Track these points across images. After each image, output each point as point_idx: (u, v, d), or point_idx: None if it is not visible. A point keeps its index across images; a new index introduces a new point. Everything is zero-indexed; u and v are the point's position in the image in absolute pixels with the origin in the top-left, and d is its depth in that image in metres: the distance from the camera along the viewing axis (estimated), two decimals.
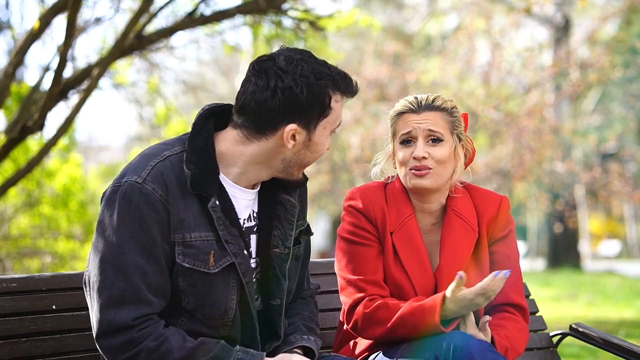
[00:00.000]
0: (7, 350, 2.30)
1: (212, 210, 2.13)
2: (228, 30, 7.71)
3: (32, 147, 8.31)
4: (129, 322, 2.05)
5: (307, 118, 2.14)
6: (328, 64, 2.17)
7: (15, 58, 5.79)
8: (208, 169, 2.14)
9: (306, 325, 2.35)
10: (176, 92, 16.41)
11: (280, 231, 2.27)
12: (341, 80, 2.17)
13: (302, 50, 2.17)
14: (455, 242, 2.56)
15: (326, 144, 2.19)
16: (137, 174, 2.11)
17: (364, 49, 15.75)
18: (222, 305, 2.15)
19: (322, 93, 2.13)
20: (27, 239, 9.22)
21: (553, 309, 9.39)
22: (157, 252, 2.09)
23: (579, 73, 13.10)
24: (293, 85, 2.10)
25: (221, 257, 2.14)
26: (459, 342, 2.29)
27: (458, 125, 2.57)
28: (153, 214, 2.08)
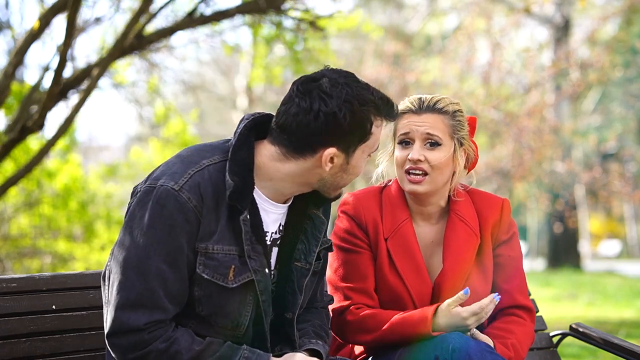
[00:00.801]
0: (7, 350, 2.30)
1: (242, 223, 2.11)
2: (228, 30, 7.72)
3: (32, 147, 8.31)
4: (141, 326, 2.05)
5: (347, 142, 2.12)
6: (371, 88, 2.15)
7: (15, 58, 5.78)
8: (247, 182, 2.12)
9: (315, 332, 2.33)
10: (176, 92, 16.41)
11: (305, 245, 2.25)
12: (383, 105, 2.15)
13: (347, 73, 2.15)
14: (459, 246, 2.54)
15: (363, 166, 2.18)
16: (174, 179, 2.09)
17: (364, 49, 15.75)
18: (236, 319, 2.15)
19: (364, 119, 2.11)
20: (27, 239, 9.22)
21: (553, 309, 9.40)
22: (182, 260, 2.08)
23: (579, 73, 13.09)
24: (337, 111, 2.08)
25: (241, 272, 2.12)
26: (457, 343, 2.29)
27: (460, 129, 2.54)
28: (184, 224, 2.07)
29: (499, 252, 2.61)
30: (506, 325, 2.55)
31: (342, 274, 2.55)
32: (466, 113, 2.62)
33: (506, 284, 2.60)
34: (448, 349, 2.29)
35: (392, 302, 2.53)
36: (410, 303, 2.53)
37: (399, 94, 12.43)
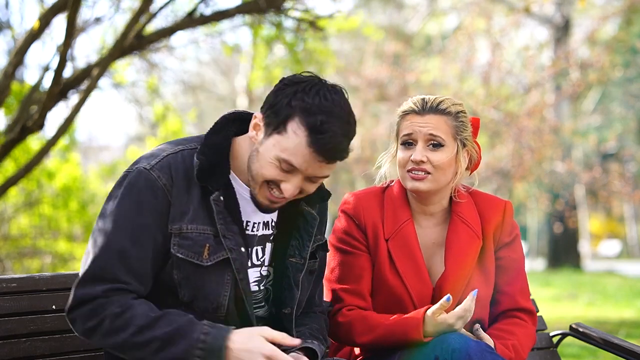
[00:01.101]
0: (7, 350, 2.30)
1: (213, 203, 2.13)
2: (228, 30, 7.72)
3: (33, 147, 8.31)
4: (99, 293, 2.06)
5: (269, 118, 2.11)
6: (334, 114, 2.07)
7: (15, 58, 5.78)
8: (218, 164, 2.15)
9: (312, 334, 2.34)
10: (176, 92, 16.41)
11: (298, 241, 2.27)
12: (317, 129, 2.04)
13: (338, 90, 2.13)
14: (461, 248, 2.54)
15: (267, 166, 2.10)
16: (147, 161, 2.15)
17: (364, 49, 15.76)
18: (215, 300, 2.15)
19: (290, 114, 2.08)
20: (27, 239, 9.22)
21: (553, 309, 9.40)
22: (146, 239, 2.10)
23: (579, 73, 13.10)
24: (283, 87, 2.11)
25: (216, 251, 2.14)
26: (457, 344, 2.29)
27: (463, 130, 2.53)
28: (152, 200, 2.11)
29: (501, 255, 2.60)
30: (507, 327, 2.55)
31: (337, 275, 2.55)
32: (467, 113, 2.62)
33: (508, 286, 2.60)
34: (448, 349, 2.29)
35: (392, 303, 2.53)
36: (411, 304, 2.52)
37: (399, 94, 12.44)
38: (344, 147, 2.09)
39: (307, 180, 2.13)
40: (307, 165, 2.08)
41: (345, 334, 2.51)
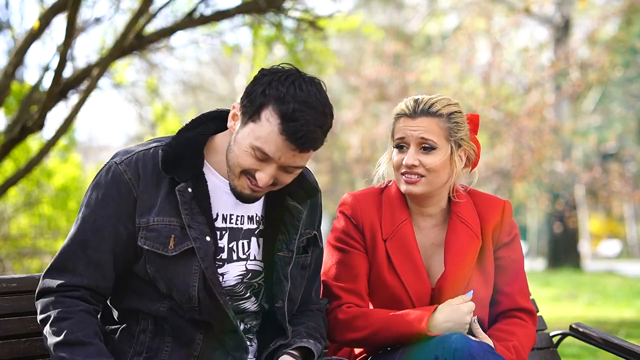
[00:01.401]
0: (7, 350, 2.30)
1: (179, 193, 2.16)
2: (227, 30, 7.72)
3: (32, 147, 8.30)
4: (54, 287, 2.14)
5: (245, 107, 2.14)
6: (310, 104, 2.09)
7: (15, 58, 5.78)
8: (186, 156, 2.18)
9: (308, 332, 2.34)
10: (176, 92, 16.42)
11: (285, 236, 2.28)
12: (289, 118, 2.07)
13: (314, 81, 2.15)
14: (460, 248, 2.53)
15: (243, 155, 2.13)
16: (120, 157, 2.21)
17: (364, 49, 15.76)
18: (186, 291, 2.17)
19: (264, 102, 2.10)
20: (27, 239, 9.22)
21: (553, 309, 9.40)
22: (106, 230, 2.16)
23: (579, 73, 13.09)
24: (260, 77, 2.13)
25: (182, 241, 2.16)
26: (459, 343, 2.29)
27: (457, 130, 2.51)
28: (115, 194, 2.16)
29: (500, 255, 2.60)
30: (508, 327, 2.55)
31: (335, 273, 2.56)
32: (466, 113, 2.60)
33: (508, 286, 2.60)
34: (450, 349, 2.29)
35: (390, 303, 2.53)
36: (410, 304, 2.52)
37: (399, 94, 12.44)
38: (316, 136, 2.10)
39: (282, 170, 2.15)
40: (280, 154, 2.10)
41: (344, 330, 2.50)
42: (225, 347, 2.23)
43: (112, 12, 7.32)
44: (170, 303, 2.19)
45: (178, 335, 2.21)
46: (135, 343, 2.22)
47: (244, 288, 2.28)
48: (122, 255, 2.18)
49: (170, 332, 2.22)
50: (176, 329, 2.21)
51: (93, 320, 2.14)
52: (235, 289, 2.26)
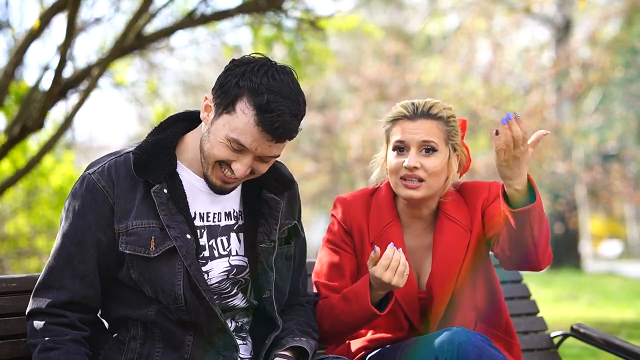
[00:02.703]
0: (7, 350, 2.30)
1: (154, 195, 2.17)
2: (228, 30, 7.71)
3: (30, 147, 8.29)
4: (43, 308, 2.15)
5: (219, 98, 2.15)
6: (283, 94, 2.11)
7: (15, 57, 5.78)
8: (158, 159, 2.19)
9: (300, 329, 2.34)
10: (176, 93, 16.41)
11: (266, 227, 2.29)
12: (265, 109, 2.09)
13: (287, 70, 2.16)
14: (447, 248, 2.52)
15: (218, 146, 2.14)
16: (92, 167, 2.23)
17: (365, 49, 15.75)
18: (171, 291, 2.17)
19: (238, 94, 2.11)
20: (24, 239, 9.21)
21: (554, 310, 9.39)
22: (87, 241, 2.16)
23: (580, 73, 13.09)
24: (232, 67, 2.14)
25: (162, 242, 2.17)
26: (463, 337, 2.29)
27: (454, 134, 2.52)
28: (91, 203, 2.17)
29: (493, 212, 2.52)
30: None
31: (323, 273, 2.57)
32: (467, 113, 2.59)
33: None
34: (453, 342, 2.29)
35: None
36: (398, 308, 2.52)
37: (400, 94, 12.44)
38: (292, 125, 2.12)
39: (258, 159, 2.17)
40: (256, 145, 2.12)
41: (319, 324, 2.48)
42: (216, 347, 2.23)
43: (112, 12, 7.32)
44: (158, 306, 2.19)
45: (168, 339, 2.21)
46: (126, 351, 2.22)
47: (231, 285, 2.28)
48: (105, 263, 2.19)
49: (160, 337, 2.22)
50: (166, 332, 2.21)
51: (81, 349, 2.14)
52: (222, 287, 2.26)
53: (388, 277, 2.31)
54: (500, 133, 2.25)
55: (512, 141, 2.24)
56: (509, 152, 2.25)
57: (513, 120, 2.24)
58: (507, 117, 2.25)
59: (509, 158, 2.25)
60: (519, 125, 2.24)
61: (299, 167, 15.33)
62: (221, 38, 8.04)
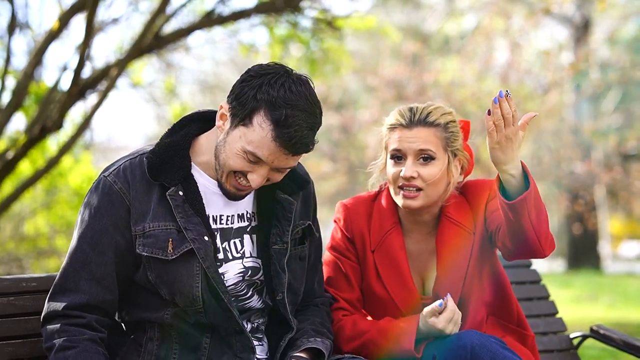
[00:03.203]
0: (27, 350, 2.32)
1: (170, 198, 2.17)
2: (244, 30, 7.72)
3: (50, 148, 8.34)
4: (59, 311, 2.13)
5: (235, 108, 2.14)
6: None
7: (34, 58, 5.82)
8: (172, 162, 2.19)
9: (315, 329, 2.34)
10: (193, 92, 16.46)
11: (279, 229, 2.28)
12: (282, 124, 2.08)
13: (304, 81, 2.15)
14: (451, 252, 2.50)
15: (234, 157, 2.14)
16: (107, 170, 2.22)
17: (382, 49, 15.72)
18: (190, 293, 2.17)
19: (256, 107, 2.11)
20: (43, 239, 9.27)
21: (573, 311, 9.32)
22: (105, 243, 2.16)
23: (599, 73, 12.99)
24: (249, 78, 2.13)
25: (180, 244, 2.16)
26: (476, 340, 2.29)
27: (453, 140, 2.47)
28: (108, 205, 2.16)
29: (493, 207, 2.48)
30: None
31: (333, 282, 2.55)
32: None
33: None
34: (466, 346, 2.28)
35: (380, 314, 2.52)
36: (400, 315, 2.50)
37: (417, 94, 12.40)
38: (309, 140, 2.12)
39: (274, 170, 2.17)
40: (273, 158, 2.12)
41: (335, 337, 2.47)
42: (233, 349, 2.22)
43: (130, 12, 7.35)
44: (174, 310, 2.19)
45: (185, 341, 2.22)
46: (144, 352, 2.23)
47: (246, 286, 2.28)
48: (123, 265, 2.18)
49: (177, 339, 2.22)
50: (182, 335, 2.21)
51: (98, 349, 2.13)
52: (238, 289, 2.26)
53: (450, 329, 2.34)
54: (491, 112, 2.22)
55: (502, 120, 2.22)
56: (501, 133, 2.22)
57: (504, 99, 2.22)
58: (500, 94, 2.23)
59: (500, 139, 2.22)
60: (508, 104, 2.22)
61: (316, 167, 15.32)
62: (237, 37, 8.05)
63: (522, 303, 2.84)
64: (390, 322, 2.45)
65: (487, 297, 2.56)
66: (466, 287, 2.49)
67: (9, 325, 2.32)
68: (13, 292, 2.36)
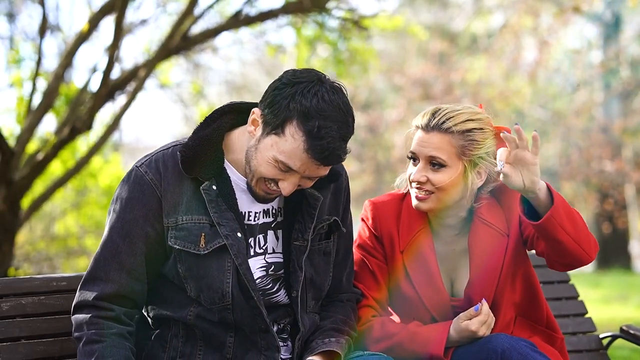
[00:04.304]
0: (57, 348, 2.34)
1: (204, 192, 2.17)
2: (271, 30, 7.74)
3: (80, 148, 8.43)
4: (89, 301, 2.15)
5: (268, 116, 2.12)
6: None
7: (65, 60, 5.89)
8: (205, 155, 2.18)
9: (335, 327, 2.32)
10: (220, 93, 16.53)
11: (301, 224, 2.27)
12: (315, 136, 2.07)
13: (341, 95, 2.13)
14: (484, 253, 2.46)
15: (265, 165, 2.13)
16: (141, 160, 2.23)
17: (409, 48, 15.68)
18: (219, 288, 2.17)
19: (288, 117, 2.09)
20: (74, 239, 9.37)
21: (603, 311, 9.22)
22: (136, 233, 2.17)
23: (629, 71, 12.84)
24: (283, 86, 2.11)
25: (213, 239, 2.17)
26: (507, 343, 2.27)
27: (472, 149, 2.39)
28: (139, 196, 2.17)
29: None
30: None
31: (361, 280, 2.54)
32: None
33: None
34: (497, 351, 2.27)
35: (409, 315, 2.50)
36: (428, 316, 2.49)
37: (444, 93, 12.36)
38: (341, 151, 2.12)
39: (305, 177, 2.16)
40: (304, 168, 2.12)
41: (363, 338, 2.46)
42: (257, 347, 2.23)
43: (158, 14, 7.41)
44: (197, 310, 2.20)
45: (209, 340, 2.23)
46: (169, 348, 2.24)
47: (272, 281, 2.28)
48: (153, 256, 2.20)
49: (202, 337, 2.23)
50: (207, 334, 2.22)
51: (125, 344, 2.15)
52: (264, 282, 2.27)
53: (483, 331, 2.34)
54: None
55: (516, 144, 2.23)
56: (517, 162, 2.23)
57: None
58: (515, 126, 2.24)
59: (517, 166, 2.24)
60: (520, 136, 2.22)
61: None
62: (264, 38, 8.08)
63: (551, 303, 2.81)
64: (420, 327, 2.44)
65: (517, 298, 2.54)
66: (499, 290, 2.47)
67: (40, 324, 2.34)
68: (44, 292, 2.39)
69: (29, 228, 9.00)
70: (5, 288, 2.35)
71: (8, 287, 2.36)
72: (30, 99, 6.06)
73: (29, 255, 8.90)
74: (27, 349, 2.29)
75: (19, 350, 2.28)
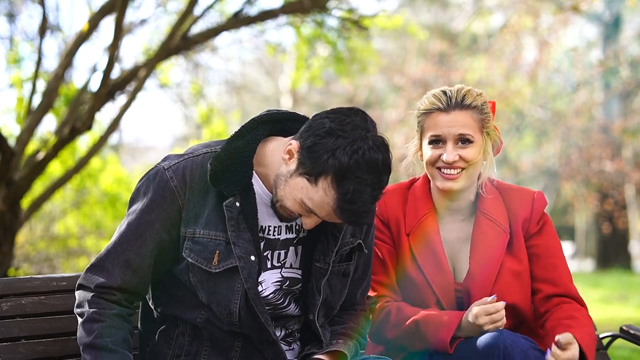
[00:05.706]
0: (58, 348, 2.34)
1: (226, 209, 2.13)
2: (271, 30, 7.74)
3: (80, 148, 8.43)
4: (92, 286, 2.16)
5: (304, 158, 2.06)
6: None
7: (65, 60, 5.89)
8: (234, 169, 2.14)
9: (344, 332, 2.31)
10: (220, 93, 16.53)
11: (324, 245, 2.23)
12: (349, 204, 2.02)
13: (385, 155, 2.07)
14: (486, 245, 2.50)
15: (292, 201, 2.09)
16: (170, 161, 2.20)
17: (409, 48, 15.68)
18: (227, 306, 2.16)
19: (324, 171, 2.03)
20: (74, 239, 9.37)
21: (603, 311, 9.23)
22: (149, 236, 2.15)
23: (629, 71, 12.84)
24: (330, 146, 2.03)
25: (226, 258, 2.14)
26: (509, 340, 2.29)
27: (487, 121, 2.49)
28: (160, 200, 2.15)
29: (532, 243, 2.55)
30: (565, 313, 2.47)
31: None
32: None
33: (546, 272, 2.54)
34: (499, 347, 2.28)
35: (415, 297, 2.52)
36: (433, 297, 2.51)
37: None
38: (370, 214, 2.09)
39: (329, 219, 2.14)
40: (329, 218, 2.10)
41: (380, 324, 2.49)
42: (264, 356, 2.23)
43: (158, 14, 7.41)
44: (207, 314, 2.19)
45: (216, 342, 2.22)
46: (174, 346, 2.24)
47: (283, 295, 2.26)
48: (163, 258, 2.19)
49: (209, 338, 2.23)
50: (214, 337, 2.22)
51: (124, 325, 2.16)
52: (275, 297, 2.24)
53: (488, 327, 2.35)
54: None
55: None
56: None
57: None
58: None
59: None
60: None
61: None
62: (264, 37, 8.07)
63: None
64: (433, 313, 2.45)
65: (518, 298, 2.55)
66: (499, 284, 2.49)
67: (40, 324, 2.34)
68: (44, 292, 2.39)
69: (29, 228, 9.00)
70: (5, 288, 2.35)
71: (8, 287, 2.36)
72: (30, 99, 6.06)
73: (29, 255, 8.90)
74: (27, 349, 2.29)
75: (19, 350, 2.28)
